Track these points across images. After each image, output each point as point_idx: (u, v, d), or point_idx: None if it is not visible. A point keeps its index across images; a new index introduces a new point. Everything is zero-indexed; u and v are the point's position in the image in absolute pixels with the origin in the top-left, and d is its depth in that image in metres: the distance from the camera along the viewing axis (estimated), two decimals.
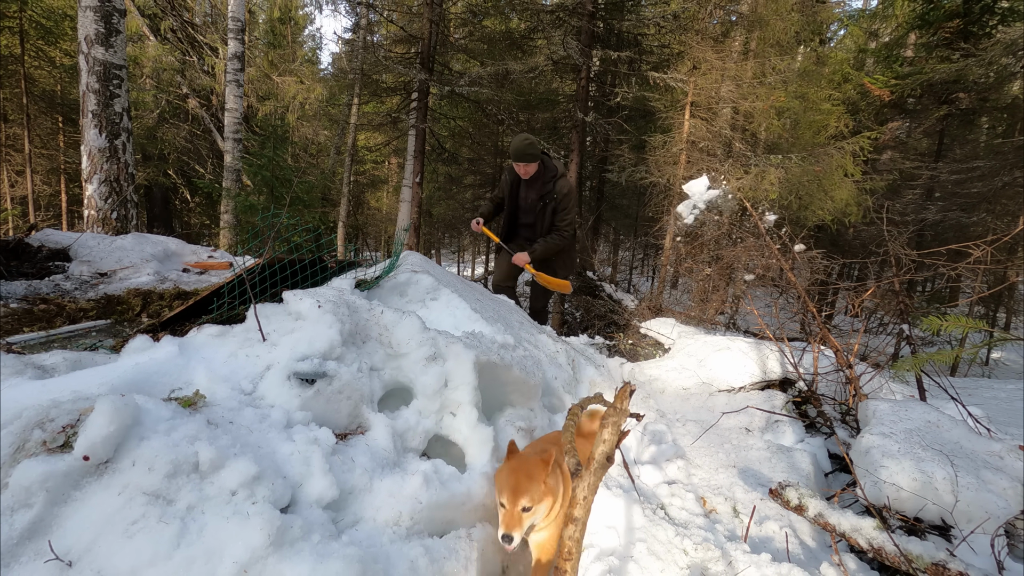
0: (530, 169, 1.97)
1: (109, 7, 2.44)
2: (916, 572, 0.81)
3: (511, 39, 5.75)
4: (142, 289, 1.43)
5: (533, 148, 1.93)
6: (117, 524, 0.64)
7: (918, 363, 1.25)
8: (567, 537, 0.69)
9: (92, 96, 2.46)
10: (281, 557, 0.64)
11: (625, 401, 0.72)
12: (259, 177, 3.31)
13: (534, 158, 1.94)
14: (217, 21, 7.48)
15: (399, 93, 6.38)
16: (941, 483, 0.93)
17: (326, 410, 0.94)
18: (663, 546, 0.95)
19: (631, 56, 4.97)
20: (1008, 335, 0.91)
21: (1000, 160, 5.35)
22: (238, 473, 0.70)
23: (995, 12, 5.31)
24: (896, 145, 6.54)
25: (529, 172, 1.97)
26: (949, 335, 4.34)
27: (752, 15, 4.48)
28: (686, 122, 4.50)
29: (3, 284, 1.34)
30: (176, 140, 6.98)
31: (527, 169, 1.96)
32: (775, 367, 1.72)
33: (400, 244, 1.55)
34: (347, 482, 0.82)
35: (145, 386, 0.84)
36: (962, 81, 5.60)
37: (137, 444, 0.69)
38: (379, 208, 11.49)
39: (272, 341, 0.99)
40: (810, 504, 0.99)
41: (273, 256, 1.08)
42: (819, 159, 4.12)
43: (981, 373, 5.04)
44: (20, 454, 0.67)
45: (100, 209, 2.52)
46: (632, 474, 1.20)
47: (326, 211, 7.19)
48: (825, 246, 5.67)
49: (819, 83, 5.18)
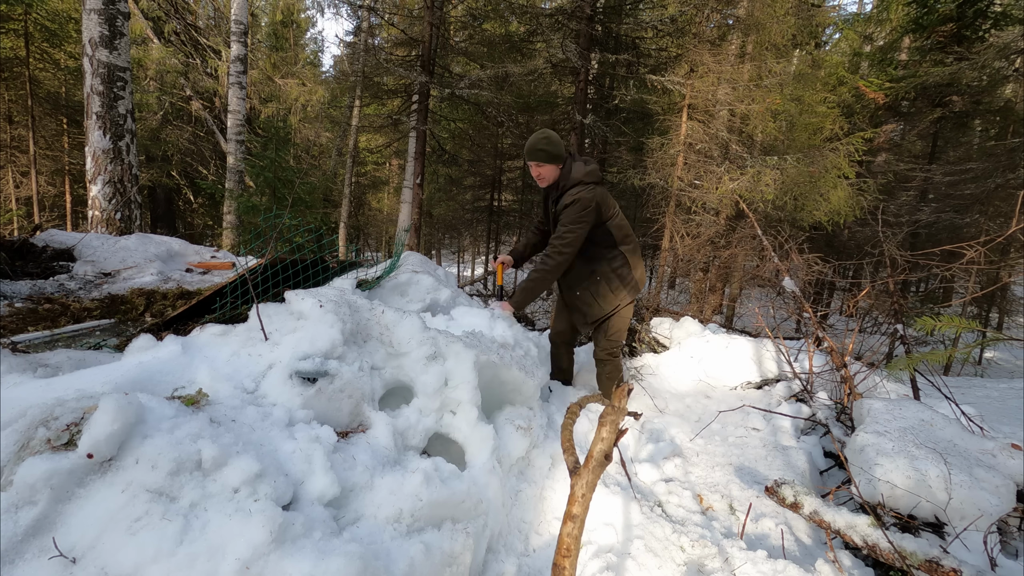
0: (543, 173, 1.49)
1: (113, 10, 2.46)
2: (910, 569, 0.82)
3: (511, 42, 5.81)
4: (146, 289, 1.44)
5: (545, 145, 1.45)
6: (121, 521, 0.65)
7: (912, 362, 1.26)
8: (566, 534, 0.70)
9: (96, 98, 2.48)
10: (283, 554, 0.65)
11: (623, 400, 0.73)
12: (261, 178, 3.33)
13: (545, 157, 1.45)
14: (220, 24, 7.55)
15: (400, 95, 6.42)
16: (935, 481, 0.94)
17: (328, 408, 0.95)
18: (660, 543, 0.96)
19: (629, 59, 5.02)
20: (1001, 335, 0.92)
21: (993, 162, 5.40)
22: (240, 471, 0.71)
23: (988, 16, 5.38)
24: (891, 147, 6.60)
25: (543, 177, 1.50)
26: (943, 335, 4.36)
27: (748, 19, 4.53)
28: (683, 124, 4.55)
29: (8, 284, 1.35)
30: (179, 141, 7.01)
31: (538, 171, 1.49)
32: (772, 366, 1.74)
33: (401, 245, 1.56)
34: (348, 480, 0.83)
35: (148, 385, 0.85)
36: (955, 84, 5.66)
37: (140, 442, 0.70)
38: (380, 209, 11.53)
39: (274, 340, 1.00)
40: (806, 501, 1.00)
41: (275, 256, 1.09)
42: (814, 160, 4.16)
43: (974, 372, 5.06)
44: (25, 452, 0.68)
45: (104, 210, 2.53)
46: (629, 472, 1.21)
47: (328, 212, 7.21)
48: (820, 246, 5.71)
49: (815, 86, 5.23)
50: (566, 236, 1.43)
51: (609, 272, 1.51)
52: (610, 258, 1.51)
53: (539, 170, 1.50)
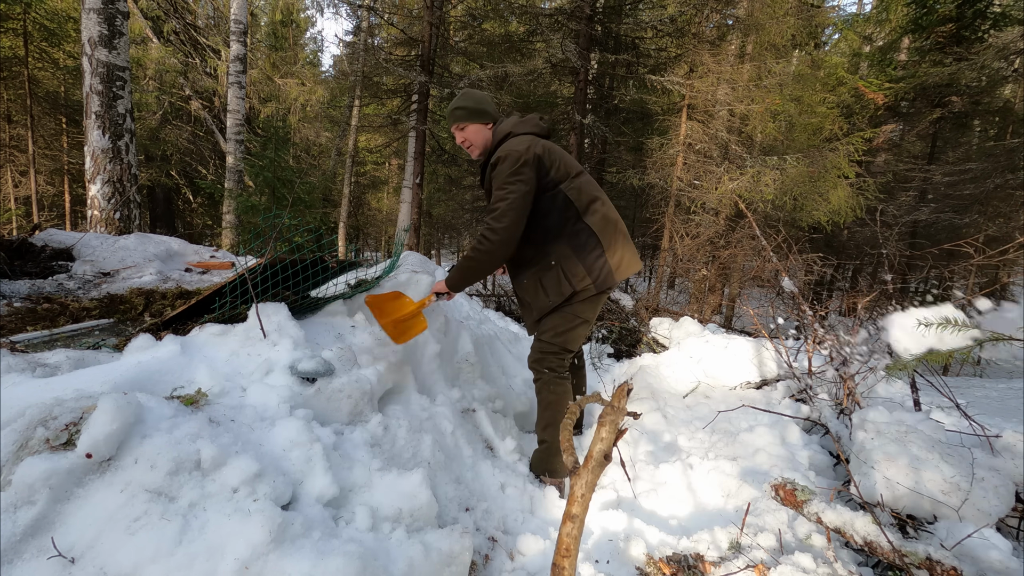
0: (469, 136, 1.11)
1: (112, 9, 2.46)
2: (909, 568, 0.82)
3: (510, 42, 5.81)
4: (145, 288, 1.44)
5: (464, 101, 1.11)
6: (119, 521, 0.64)
7: (911, 363, 1.27)
8: (565, 534, 0.70)
9: (96, 98, 2.47)
10: (282, 554, 0.65)
11: (623, 400, 0.73)
12: (261, 178, 3.33)
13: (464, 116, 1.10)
14: (219, 23, 7.54)
15: (399, 95, 6.42)
16: (934, 480, 0.95)
17: (327, 408, 0.94)
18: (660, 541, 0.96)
19: (629, 59, 5.02)
20: (1000, 335, 0.92)
21: (992, 162, 5.41)
22: (239, 471, 0.71)
23: (987, 17, 5.38)
24: (890, 147, 6.62)
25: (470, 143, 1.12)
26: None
27: (748, 19, 4.54)
28: (683, 124, 4.55)
29: (7, 283, 1.34)
30: (179, 141, 7.01)
31: (463, 137, 1.12)
32: (771, 366, 1.74)
33: (400, 244, 1.56)
34: (347, 479, 0.83)
35: (147, 384, 0.85)
36: (955, 85, 5.67)
37: (139, 442, 0.70)
38: (379, 209, 11.52)
39: (273, 340, 1.00)
40: (806, 500, 1.01)
41: (275, 256, 1.09)
42: (814, 160, 4.16)
43: (973, 372, 5.07)
44: (23, 452, 0.68)
45: (103, 209, 2.53)
46: (629, 472, 1.21)
47: (327, 212, 7.21)
48: (820, 247, 5.72)
49: (814, 86, 5.24)
50: (497, 205, 1.01)
51: (569, 253, 1.05)
52: (570, 234, 1.06)
53: (463, 135, 1.11)
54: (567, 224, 1.08)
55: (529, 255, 1.11)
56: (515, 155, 1.03)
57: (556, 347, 1.13)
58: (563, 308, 1.11)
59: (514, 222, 1.02)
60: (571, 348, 1.15)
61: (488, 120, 1.13)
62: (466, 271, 1.09)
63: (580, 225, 1.08)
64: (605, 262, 1.08)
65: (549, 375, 1.14)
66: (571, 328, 1.12)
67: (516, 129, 1.10)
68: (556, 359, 1.14)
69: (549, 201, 1.07)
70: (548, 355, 1.14)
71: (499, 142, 1.10)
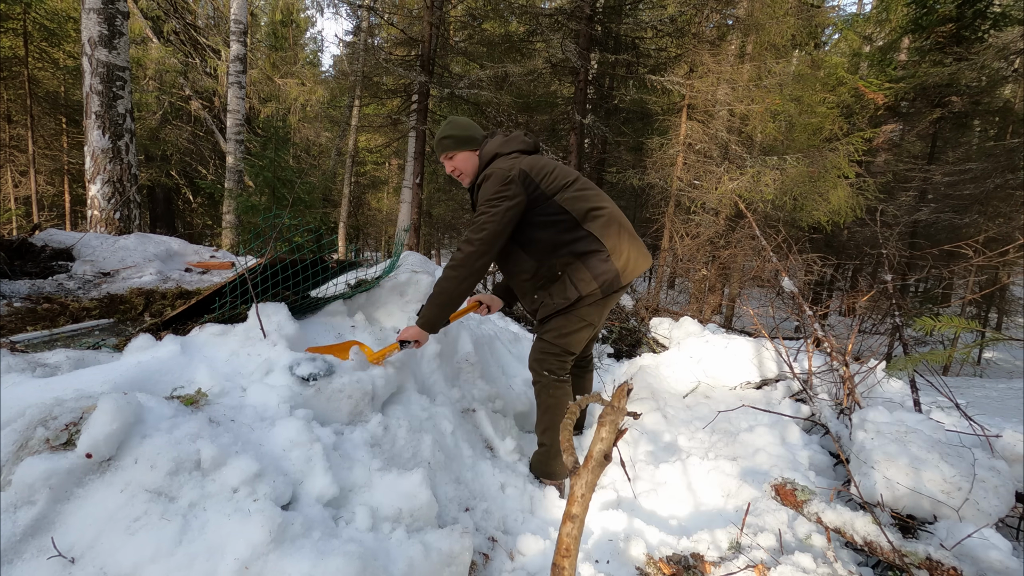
0: (458, 164, 1.13)
1: (112, 9, 2.46)
2: (909, 567, 0.82)
3: (510, 42, 5.81)
4: (145, 288, 1.44)
5: (450, 130, 1.12)
6: (119, 521, 0.64)
7: (911, 363, 1.27)
8: (565, 534, 0.70)
9: (96, 97, 2.48)
10: (282, 554, 0.65)
11: (623, 400, 0.73)
12: (261, 178, 3.33)
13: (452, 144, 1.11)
14: (219, 23, 7.54)
15: (399, 95, 6.42)
16: (934, 480, 0.95)
17: (327, 408, 0.95)
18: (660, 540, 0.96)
19: (629, 59, 5.03)
20: (1000, 335, 0.92)
21: (992, 162, 5.42)
22: (239, 471, 0.71)
23: (987, 17, 5.39)
24: (890, 148, 6.63)
25: (460, 171, 1.14)
26: (942, 335, 4.37)
27: (748, 19, 4.54)
28: (683, 124, 4.56)
29: (7, 283, 1.35)
30: (179, 141, 7.01)
31: (452, 166, 1.14)
32: (771, 366, 1.74)
33: (400, 244, 1.56)
34: (347, 479, 0.83)
35: (147, 384, 0.85)
36: (955, 85, 5.68)
37: (139, 442, 0.70)
38: (379, 209, 11.53)
39: (273, 340, 1.00)
40: (806, 500, 1.01)
41: (275, 256, 1.09)
42: (814, 160, 4.17)
43: (973, 372, 5.08)
44: (23, 452, 0.68)
45: (103, 209, 2.53)
46: (629, 472, 1.21)
47: (327, 212, 7.21)
48: (820, 247, 5.72)
49: (814, 86, 5.25)
50: (479, 219, 1.02)
51: (573, 260, 1.06)
52: (572, 242, 1.06)
53: (452, 163, 1.13)
54: (567, 233, 1.09)
55: (533, 269, 1.11)
56: (500, 173, 1.05)
57: (558, 348, 1.14)
58: (568, 311, 1.12)
59: (493, 234, 1.03)
60: (572, 351, 1.15)
61: (476, 147, 1.15)
62: (440, 298, 1.05)
63: (581, 232, 1.08)
64: (611, 265, 1.08)
65: (548, 378, 1.14)
66: (574, 330, 1.12)
67: (502, 149, 1.12)
68: (556, 361, 1.14)
69: (544, 214, 1.08)
70: (549, 356, 1.14)
71: (486, 163, 1.12)
